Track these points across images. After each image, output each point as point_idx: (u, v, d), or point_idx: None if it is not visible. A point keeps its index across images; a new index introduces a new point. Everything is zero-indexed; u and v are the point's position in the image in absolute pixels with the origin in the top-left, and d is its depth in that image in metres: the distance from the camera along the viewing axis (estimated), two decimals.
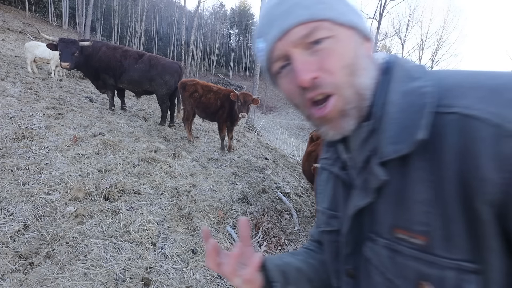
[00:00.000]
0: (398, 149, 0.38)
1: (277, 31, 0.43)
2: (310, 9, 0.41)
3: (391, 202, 0.40)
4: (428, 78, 0.40)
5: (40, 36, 7.46)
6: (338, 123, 0.44)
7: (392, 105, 0.41)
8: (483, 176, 0.32)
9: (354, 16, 0.44)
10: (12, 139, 2.84)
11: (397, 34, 27.25)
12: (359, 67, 0.43)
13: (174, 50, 33.66)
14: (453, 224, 0.35)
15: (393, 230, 0.40)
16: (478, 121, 0.33)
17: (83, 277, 1.61)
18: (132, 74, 5.24)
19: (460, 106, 0.35)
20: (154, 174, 3.06)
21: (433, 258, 0.36)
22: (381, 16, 16.61)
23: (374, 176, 0.41)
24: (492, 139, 0.32)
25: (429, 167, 0.36)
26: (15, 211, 1.95)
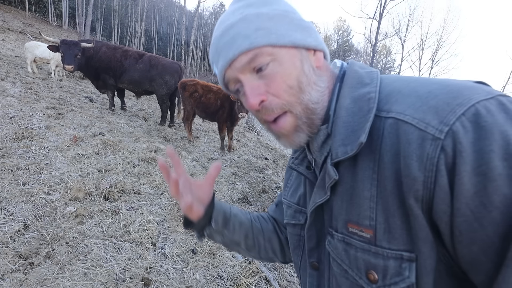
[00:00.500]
0: (346, 150, 0.42)
1: (224, 61, 0.47)
2: (249, 38, 0.44)
3: (344, 199, 0.44)
4: (376, 84, 0.44)
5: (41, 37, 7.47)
6: (292, 137, 0.48)
7: (343, 109, 0.44)
8: (413, 175, 0.35)
9: (297, 34, 0.46)
10: (12, 139, 2.84)
11: (397, 34, 27.22)
12: (306, 83, 0.45)
13: (174, 50, 33.66)
14: (393, 218, 0.38)
15: (347, 225, 0.44)
16: (407, 125, 0.37)
17: (83, 277, 1.61)
18: (132, 74, 5.24)
19: (395, 111, 0.39)
20: (154, 174, 3.05)
21: (378, 249, 0.40)
22: (381, 16, 16.60)
23: (328, 175, 0.45)
24: (417, 141, 0.35)
25: (373, 166, 0.40)
26: (15, 211, 1.95)
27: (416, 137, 0.35)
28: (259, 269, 2.02)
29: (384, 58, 46.21)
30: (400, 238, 0.38)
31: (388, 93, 0.42)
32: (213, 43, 0.49)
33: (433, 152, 0.34)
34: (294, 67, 0.45)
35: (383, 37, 25.94)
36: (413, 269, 0.38)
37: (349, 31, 50.06)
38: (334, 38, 50.55)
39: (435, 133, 0.34)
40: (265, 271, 2.02)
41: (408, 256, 0.38)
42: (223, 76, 0.49)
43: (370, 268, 0.41)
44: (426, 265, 0.37)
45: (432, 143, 0.34)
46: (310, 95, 0.46)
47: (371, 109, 0.41)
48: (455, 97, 0.35)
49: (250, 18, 0.46)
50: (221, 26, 0.48)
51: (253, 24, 0.45)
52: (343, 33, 50.26)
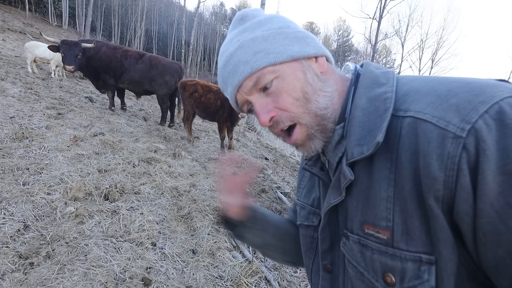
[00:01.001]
0: (362, 150, 0.41)
1: (232, 88, 0.50)
2: (249, 63, 0.47)
3: (360, 200, 0.44)
4: (392, 84, 0.44)
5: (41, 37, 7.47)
6: (307, 146, 0.49)
7: (359, 109, 0.45)
8: (433, 174, 0.35)
9: (295, 47, 0.48)
10: (12, 139, 2.84)
11: (397, 34, 27.21)
12: (312, 92, 0.47)
13: (174, 50, 33.66)
14: (411, 219, 0.37)
15: (363, 226, 0.43)
16: (427, 124, 0.36)
17: (83, 277, 1.61)
18: (132, 74, 5.24)
19: (413, 110, 0.38)
20: (154, 174, 3.06)
21: (395, 251, 0.39)
22: (381, 16, 16.60)
23: (343, 175, 0.45)
24: (438, 140, 0.34)
25: (390, 166, 0.40)
26: (15, 211, 1.95)
27: (436, 136, 0.35)
28: (259, 269, 2.02)
29: (384, 58, 46.20)
30: (419, 239, 0.37)
31: (406, 92, 0.42)
32: (219, 73, 0.53)
33: (455, 151, 0.33)
34: (297, 79, 0.47)
35: (383, 37, 25.92)
36: (432, 272, 0.37)
37: (349, 31, 50.06)
38: (334, 38, 50.54)
39: (456, 131, 0.33)
40: (265, 271, 2.02)
41: (427, 259, 0.37)
42: (235, 101, 0.53)
43: (387, 270, 0.40)
44: (447, 268, 0.36)
45: (453, 142, 0.33)
46: (318, 102, 0.47)
47: (388, 108, 0.41)
48: (477, 94, 0.34)
49: (247, 44, 0.48)
50: (223, 57, 0.51)
51: (250, 49, 0.48)
52: (343, 33, 50.25)
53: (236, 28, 0.52)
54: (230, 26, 0.55)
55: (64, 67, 4.70)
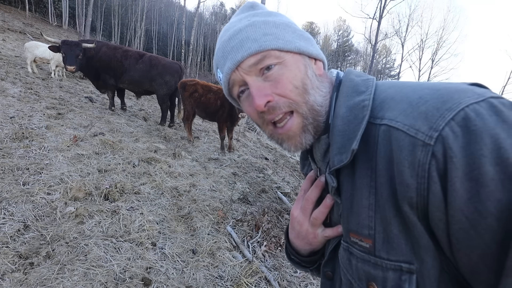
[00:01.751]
0: (341, 159, 0.42)
1: (231, 63, 0.48)
2: (258, 41, 0.47)
3: (345, 208, 0.44)
4: (370, 92, 0.44)
5: (41, 37, 7.47)
6: (298, 139, 0.48)
7: (339, 118, 0.45)
8: (405, 182, 0.35)
9: (301, 42, 0.49)
10: (12, 139, 2.84)
11: (397, 34, 27.19)
12: (310, 87, 0.47)
13: (174, 50, 33.65)
14: (390, 226, 0.38)
15: (349, 234, 0.44)
16: (398, 132, 0.37)
17: (83, 277, 1.61)
18: (132, 74, 5.24)
19: (387, 118, 0.39)
20: (154, 174, 3.05)
21: (377, 260, 0.39)
22: (381, 16, 16.60)
23: (328, 183, 0.46)
24: (409, 148, 0.35)
25: (370, 174, 0.40)
26: (15, 211, 1.95)
27: (407, 144, 0.35)
28: (259, 269, 2.02)
29: (384, 58, 46.18)
30: (399, 248, 0.37)
31: (382, 100, 0.42)
32: (219, 47, 0.51)
33: (424, 159, 0.34)
34: (299, 70, 0.47)
35: (383, 37, 25.92)
36: (413, 282, 0.37)
37: (349, 31, 50.04)
38: (334, 38, 50.53)
39: (425, 139, 0.34)
40: (265, 271, 2.02)
41: (408, 268, 0.37)
42: (228, 79, 0.50)
43: (370, 279, 0.40)
44: (430, 276, 0.36)
45: (422, 149, 0.34)
46: (315, 97, 0.47)
47: (365, 116, 0.41)
48: (445, 101, 0.35)
49: (258, 24, 0.48)
50: (228, 32, 0.50)
51: (261, 29, 0.48)
52: (343, 33, 50.23)
53: (245, 12, 0.53)
54: (238, 11, 0.55)
55: (65, 67, 4.70)
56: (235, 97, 0.53)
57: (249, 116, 0.52)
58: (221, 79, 0.52)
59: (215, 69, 0.54)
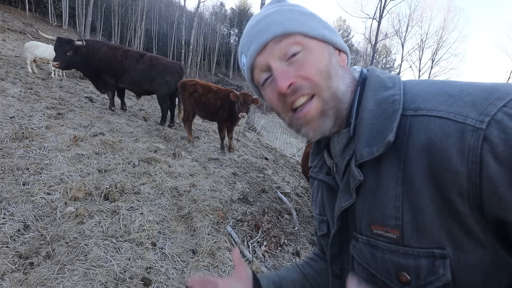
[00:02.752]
0: (372, 151, 0.42)
1: (256, 46, 0.48)
2: (283, 24, 0.47)
3: (368, 200, 0.44)
4: (399, 87, 0.44)
5: (40, 35, 7.47)
6: (317, 123, 0.47)
7: (367, 112, 0.45)
8: (454, 169, 0.34)
9: (326, 31, 0.49)
10: (12, 139, 2.84)
11: (397, 34, 27.19)
12: (333, 73, 0.47)
13: (174, 50, 33.65)
14: (422, 215, 0.37)
15: (371, 227, 0.43)
16: (442, 120, 0.36)
17: (83, 277, 1.61)
18: (133, 74, 5.24)
19: (425, 109, 0.39)
20: (154, 174, 3.05)
21: (407, 249, 0.39)
22: (381, 16, 16.59)
23: (353, 177, 0.45)
24: (456, 134, 0.34)
25: (398, 165, 0.40)
26: (15, 211, 1.95)
27: (455, 130, 0.34)
28: (259, 269, 2.02)
29: (384, 58, 46.18)
30: (431, 235, 0.37)
31: (414, 94, 0.42)
32: (246, 32, 0.51)
33: (475, 143, 0.33)
34: (323, 56, 0.47)
35: (383, 37, 25.91)
36: (447, 266, 0.36)
37: (349, 31, 50.06)
38: None
39: (476, 123, 0.33)
40: (265, 271, 2.02)
41: (440, 253, 0.37)
42: (252, 63, 0.50)
43: (400, 269, 0.40)
44: (468, 262, 0.36)
45: (473, 134, 0.33)
46: (338, 84, 0.47)
47: (397, 110, 0.41)
48: (492, 92, 0.34)
49: (284, 10, 0.49)
50: (256, 18, 0.51)
51: (287, 15, 0.48)
52: (343, 33, 50.23)
53: (273, 5, 0.53)
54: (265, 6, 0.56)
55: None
56: (257, 83, 0.53)
57: (271, 103, 0.52)
58: (245, 64, 0.52)
59: (239, 55, 0.54)
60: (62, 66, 4.74)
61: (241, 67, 0.55)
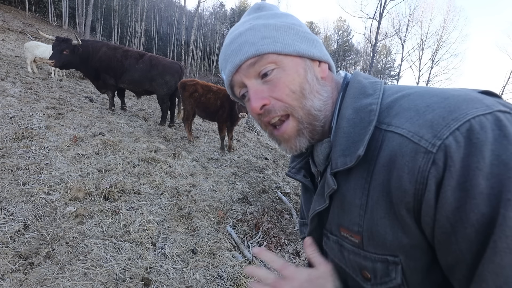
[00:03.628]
0: (345, 161, 0.43)
1: (231, 67, 0.50)
2: (255, 45, 0.47)
3: (338, 206, 0.47)
4: (378, 96, 0.44)
5: (39, 35, 7.48)
6: (293, 142, 0.49)
7: (345, 120, 0.45)
8: (403, 187, 0.36)
9: (302, 45, 0.49)
10: (12, 139, 2.84)
11: (397, 34, 27.18)
12: (309, 90, 0.47)
13: (174, 50, 33.65)
14: (376, 227, 0.40)
15: (340, 229, 0.47)
16: (402, 138, 0.37)
17: (83, 277, 1.61)
18: (133, 74, 5.24)
19: (394, 125, 0.39)
20: (154, 174, 3.05)
21: (366, 253, 0.43)
22: (381, 16, 16.59)
23: (327, 184, 0.47)
24: (411, 154, 0.36)
25: (366, 176, 0.41)
26: (15, 211, 1.95)
27: (410, 150, 0.36)
28: None
29: (384, 58, 46.16)
30: (383, 245, 0.40)
31: (389, 105, 0.43)
32: (222, 50, 0.53)
33: (425, 166, 0.34)
34: (297, 74, 0.47)
35: (383, 37, 25.90)
36: (399, 271, 0.40)
37: (349, 31, 50.03)
38: (334, 38, 50.51)
39: (428, 146, 0.34)
40: None
41: (393, 260, 0.40)
42: (230, 81, 0.52)
43: (362, 268, 0.44)
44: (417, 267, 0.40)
45: (424, 156, 0.34)
46: (313, 102, 0.48)
47: (372, 121, 0.42)
48: (452, 111, 0.35)
49: (258, 27, 0.49)
50: (231, 36, 0.52)
51: (260, 33, 0.48)
52: (343, 33, 50.23)
53: (251, 15, 0.54)
54: (246, 13, 0.57)
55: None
56: (239, 97, 0.55)
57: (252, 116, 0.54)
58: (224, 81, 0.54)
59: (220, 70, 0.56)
60: (58, 64, 4.74)
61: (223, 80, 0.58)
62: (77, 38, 4.84)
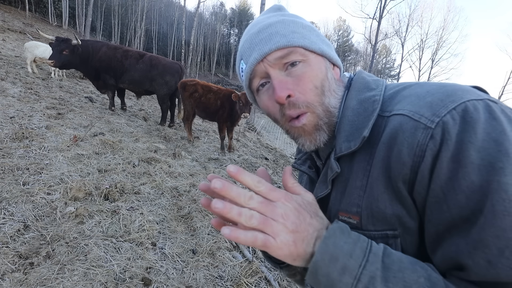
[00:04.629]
0: (349, 146, 0.45)
1: (258, 55, 0.50)
2: (286, 37, 0.49)
3: (339, 191, 0.49)
4: (381, 90, 0.48)
5: (40, 35, 7.48)
6: (313, 135, 0.50)
7: (349, 109, 0.49)
8: (402, 160, 0.39)
9: (324, 46, 0.52)
10: (12, 139, 2.84)
11: (397, 34, 27.20)
12: (328, 88, 0.50)
13: (174, 50, 33.64)
14: (376, 203, 0.42)
15: (339, 213, 0.48)
16: (403, 117, 0.41)
17: (83, 277, 1.61)
18: (133, 74, 5.24)
19: (395, 110, 0.43)
20: (154, 174, 3.05)
21: (365, 232, 0.44)
22: (381, 16, 16.60)
23: (331, 169, 0.49)
24: (411, 130, 0.39)
25: (368, 159, 0.44)
26: (15, 211, 1.95)
27: (410, 127, 0.39)
28: (259, 269, 2.02)
29: (384, 58, 46.17)
30: (384, 219, 0.42)
31: (391, 96, 0.46)
32: (247, 39, 0.53)
33: (424, 140, 0.37)
34: (320, 71, 0.50)
35: (383, 37, 25.93)
36: (398, 244, 0.42)
37: (349, 31, 50.04)
38: (334, 38, 50.50)
39: (427, 122, 0.38)
40: (265, 271, 2.02)
41: (392, 234, 0.42)
42: (252, 69, 0.52)
43: None
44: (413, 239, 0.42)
45: (423, 132, 0.38)
46: (330, 99, 0.50)
47: (375, 109, 0.45)
48: (449, 95, 0.39)
49: (287, 22, 0.51)
50: (258, 25, 0.53)
51: (289, 27, 0.50)
52: (343, 33, 50.23)
53: (274, 12, 0.56)
54: (265, 11, 0.58)
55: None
56: (254, 89, 0.55)
57: (266, 110, 0.54)
58: (243, 70, 0.53)
59: (238, 60, 0.55)
60: (57, 64, 4.75)
61: (237, 71, 0.57)
62: (77, 38, 4.85)
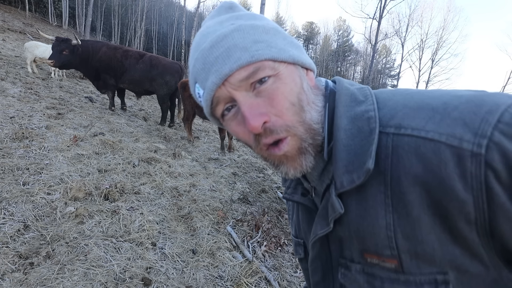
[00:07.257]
0: (352, 179, 0.38)
1: (216, 78, 0.39)
2: (248, 50, 0.39)
3: (352, 229, 0.40)
4: (372, 101, 0.40)
5: (40, 35, 7.48)
6: (297, 161, 0.42)
7: (342, 131, 0.40)
8: (460, 198, 0.32)
9: (293, 50, 0.43)
10: (12, 139, 2.84)
11: (397, 34, 27.20)
12: (306, 101, 0.41)
13: (174, 50, 33.64)
14: (421, 245, 0.35)
15: (364, 255, 0.40)
16: (435, 143, 0.32)
17: (83, 277, 1.61)
18: (133, 74, 5.24)
19: (410, 127, 0.35)
20: (154, 174, 3.05)
21: (408, 277, 0.36)
22: (381, 16, 16.60)
23: (332, 207, 0.41)
24: (454, 160, 0.31)
25: (384, 190, 0.36)
26: (15, 211, 1.95)
27: (451, 156, 0.31)
28: (259, 269, 2.02)
29: (384, 58, 46.20)
30: (432, 262, 0.35)
31: (391, 107, 0.38)
32: (198, 57, 0.41)
33: (477, 170, 0.30)
34: (294, 83, 0.41)
35: (383, 37, 25.93)
36: None
37: (349, 31, 50.03)
38: (334, 38, 50.51)
39: (473, 148, 0.30)
40: (265, 271, 2.02)
41: (443, 279, 0.35)
42: (212, 96, 0.42)
43: None
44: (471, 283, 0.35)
45: (472, 160, 0.30)
46: (311, 114, 0.41)
47: (373, 129, 0.37)
48: (479, 105, 0.32)
49: (246, 29, 0.40)
50: (208, 38, 0.41)
51: (250, 36, 0.40)
52: (343, 33, 50.22)
53: (225, 14, 0.45)
54: (213, 13, 0.47)
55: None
56: (218, 116, 0.45)
57: (237, 136, 0.44)
58: (202, 96, 0.43)
59: (191, 83, 0.45)
60: (57, 64, 4.76)
61: (194, 97, 0.46)
62: (77, 38, 4.85)
